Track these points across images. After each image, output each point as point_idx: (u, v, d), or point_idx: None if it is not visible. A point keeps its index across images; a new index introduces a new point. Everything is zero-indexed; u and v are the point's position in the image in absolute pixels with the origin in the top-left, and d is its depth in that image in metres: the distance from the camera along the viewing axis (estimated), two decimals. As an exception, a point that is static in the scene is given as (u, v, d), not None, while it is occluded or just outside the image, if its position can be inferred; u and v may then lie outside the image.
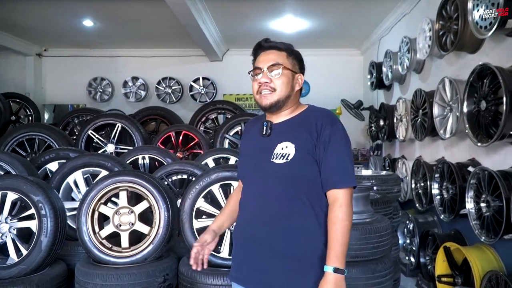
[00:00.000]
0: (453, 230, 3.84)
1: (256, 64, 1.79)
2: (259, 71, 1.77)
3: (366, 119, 7.11)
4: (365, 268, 2.62)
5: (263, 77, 1.74)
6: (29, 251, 2.74)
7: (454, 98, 3.63)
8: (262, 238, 1.69)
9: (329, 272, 1.56)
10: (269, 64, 1.75)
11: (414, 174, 4.53)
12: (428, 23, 4.25)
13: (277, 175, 1.68)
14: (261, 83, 1.74)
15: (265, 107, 1.75)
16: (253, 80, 1.79)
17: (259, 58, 1.80)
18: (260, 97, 1.76)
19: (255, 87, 1.77)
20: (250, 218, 1.74)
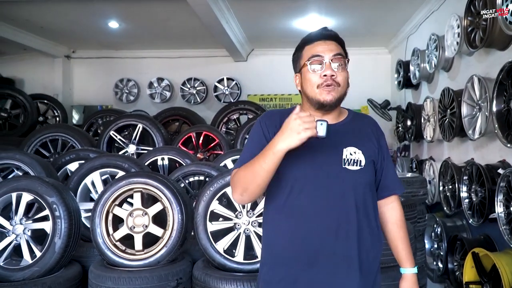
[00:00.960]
0: (483, 235, 3.66)
1: (315, 52, 1.54)
2: (319, 61, 1.53)
3: (393, 120, 6.92)
4: (385, 275, 2.49)
5: (328, 69, 1.52)
6: (42, 253, 2.73)
7: (483, 97, 3.46)
8: (338, 253, 1.53)
9: (413, 273, 1.69)
10: (333, 54, 1.54)
11: (442, 176, 4.35)
12: (456, 20, 4.07)
13: (352, 182, 1.56)
14: (326, 75, 1.51)
15: (329, 104, 1.54)
16: (312, 71, 1.54)
17: (317, 47, 1.55)
18: (322, 91, 1.53)
19: (316, 80, 1.53)
20: (321, 230, 1.52)
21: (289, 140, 1.36)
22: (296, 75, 1.65)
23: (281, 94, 7.94)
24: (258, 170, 1.43)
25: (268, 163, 1.41)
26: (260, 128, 1.60)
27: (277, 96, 7.96)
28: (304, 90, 1.60)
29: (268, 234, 1.62)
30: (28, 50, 7.70)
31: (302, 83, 1.61)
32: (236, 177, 1.52)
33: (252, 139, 1.62)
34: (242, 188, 1.49)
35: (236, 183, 1.51)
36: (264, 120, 1.62)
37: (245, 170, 1.49)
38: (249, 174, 1.46)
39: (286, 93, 7.97)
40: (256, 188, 1.47)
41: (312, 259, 1.52)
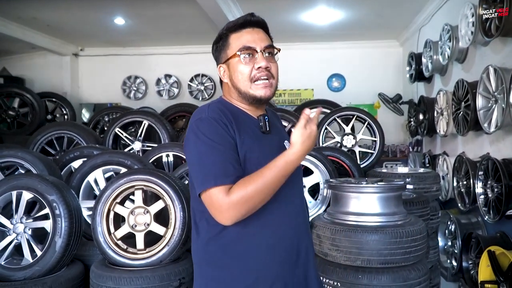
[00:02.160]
0: (499, 232, 3.52)
1: (246, 42, 1.45)
2: (250, 52, 1.44)
3: (405, 114, 6.76)
4: (396, 275, 2.37)
5: (262, 61, 1.43)
6: (43, 252, 2.66)
7: (500, 88, 3.31)
8: (308, 247, 1.55)
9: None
10: (265, 44, 1.46)
11: (456, 171, 4.21)
12: (470, 8, 3.91)
13: (299, 176, 1.58)
14: (260, 67, 1.43)
15: (265, 100, 1.47)
16: (243, 63, 1.44)
17: (246, 36, 1.46)
18: (257, 87, 1.44)
19: (248, 73, 1.43)
20: (292, 226, 1.48)
21: (310, 144, 1.35)
22: (220, 66, 1.51)
23: (290, 89, 7.81)
24: (276, 186, 1.33)
25: (287, 177, 1.35)
26: (220, 128, 1.37)
27: (286, 92, 7.84)
28: (234, 83, 1.47)
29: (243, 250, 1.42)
30: (37, 49, 7.70)
31: (231, 75, 1.47)
32: (242, 197, 1.28)
33: (216, 142, 1.35)
34: (250, 209, 1.32)
35: (241, 204, 1.29)
36: (219, 118, 1.39)
37: (257, 188, 1.29)
38: (266, 192, 1.31)
39: (295, 88, 7.84)
40: (263, 203, 1.35)
41: (295, 260, 1.49)
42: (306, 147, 1.33)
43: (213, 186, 1.29)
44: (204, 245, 1.45)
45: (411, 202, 3.03)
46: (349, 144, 4.56)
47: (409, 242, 2.38)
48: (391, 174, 3.59)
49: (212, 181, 1.30)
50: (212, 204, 1.32)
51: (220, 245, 1.41)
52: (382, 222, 2.45)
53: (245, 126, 1.45)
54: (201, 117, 1.40)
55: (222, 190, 1.29)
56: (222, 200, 1.29)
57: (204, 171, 1.33)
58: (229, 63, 1.47)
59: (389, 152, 6.93)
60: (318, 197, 3.39)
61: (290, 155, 1.32)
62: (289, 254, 1.46)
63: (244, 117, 1.48)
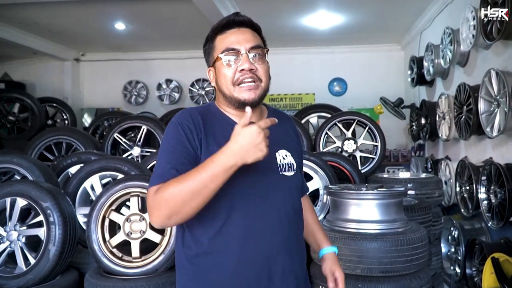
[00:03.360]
0: (503, 239, 3.45)
1: (230, 43, 1.37)
2: (234, 54, 1.36)
3: (407, 118, 6.71)
4: (397, 284, 2.32)
5: (245, 63, 1.34)
6: (37, 260, 2.61)
7: (502, 92, 3.26)
8: (289, 268, 1.41)
9: (334, 251, 1.64)
10: (250, 45, 1.36)
11: (458, 176, 4.15)
12: (471, 11, 3.87)
13: (289, 190, 1.45)
14: (244, 70, 1.34)
15: (251, 103, 1.35)
16: (227, 65, 1.37)
17: (230, 37, 1.38)
18: (240, 89, 1.35)
19: (232, 76, 1.36)
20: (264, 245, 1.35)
21: (248, 156, 1.18)
22: (209, 69, 1.45)
23: (291, 94, 7.78)
24: (201, 189, 1.18)
25: (216, 181, 1.18)
26: (182, 132, 1.32)
27: (287, 96, 7.80)
28: (219, 87, 1.40)
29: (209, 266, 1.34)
30: (38, 54, 7.72)
31: (217, 78, 1.41)
32: (162, 196, 1.21)
33: (172, 146, 1.31)
34: (172, 210, 1.21)
35: (162, 204, 1.21)
36: (185, 122, 1.34)
37: (177, 187, 1.20)
38: (185, 193, 1.19)
39: (296, 93, 7.80)
40: (192, 211, 1.22)
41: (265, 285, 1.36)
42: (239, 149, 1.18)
43: (150, 186, 1.27)
44: (177, 252, 1.43)
45: (413, 208, 2.97)
46: (350, 149, 4.50)
47: (410, 250, 2.33)
48: (392, 180, 3.53)
49: (151, 181, 1.27)
50: (146, 203, 1.29)
51: (189, 256, 1.37)
52: (382, 230, 2.40)
53: (219, 135, 1.35)
54: (172, 120, 1.38)
55: (153, 190, 1.25)
56: (149, 199, 1.25)
57: (153, 172, 1.32)
58: (215, 66, 1.41)
59: (391, 157, 6.87)
60: (318, 204, 3.33)
61: (222, 159, 1.19)
62: (256, 278, 1.34)
63: (223, 124, 1.40)
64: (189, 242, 1.37)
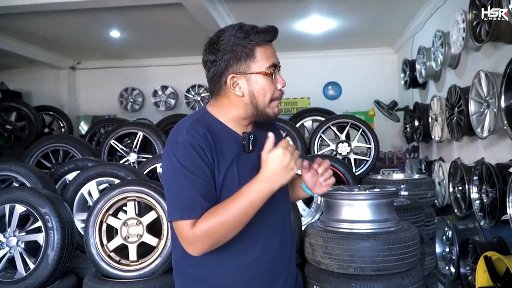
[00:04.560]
0: (496, 238, 3.50)
1: (274, 60, 1.36)
2: (277, 70, 1.37)
3: (401, 120, 6.77)
4: (389, 282, 2.36)
5: (282, 81, 1.38)
6: (36, 265, 2.65)
7: (491, 93, 3.31)
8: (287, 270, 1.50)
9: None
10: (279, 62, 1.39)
11: (451, 177, 4.20)
12: (461, 14, 3.93)
13: (285, 193, 1.52)
14: (283, 85, 1.38)
15: (272, 119, 1.42)
16: (274, 82, 1.36)
17: (271, 52, 1.36)
18: (273, 106, 1.38)
19: (273, 92, 1.36)
20: (274, 251, 1.43)
21: (282, 178, 1.25)
22: (234, 76, 1.35)
23: (286, 98, 7.83)
24: (242, 217, 1.24)
25: (255, 208, 1.24)
26: (195, 153, 1.28)
27: (282, 101, 7.77)
28: (254, 99, 1.36)
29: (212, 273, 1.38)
30: (34, 63, 7.78)
31: (252, 89, 1.35)
32: (205, 231, 1.23)
33: (190, 171, 1.27)
34: (216, 241, 1.26)
35: (205, 238, 1.24)
36: (195, 142, 1.29)
37: (220, 220, 1.23)
38: (228, 224, 1.23)
39: (291, 97, 7.87)
40: (232, 237, 1.27)
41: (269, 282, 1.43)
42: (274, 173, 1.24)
43: (180, 218, 1.26)
44: (178, 258, 1.44)
45: (405, 209, 3.02)
46: (344, 152, 4.56)
47: (402, 248, 2.37)
48: (386, 181, 3.59)
49: (179, 214, 1.26)
50: (179, 235, 1.29)
51: (191, 263, 1.39)
52: (374, 229, 2.44)
53: (226, 148, 1.37)
54: (178, 140, 1.31)
55: (188, 224, 1.25)
56: (187, 233, 1.25)
57: (174, 201, 1.28)
58: (251, 77, 1.34)
59: (386, 159, 6.93)
60: (312, 206, 3.38)
61: (258, 187, 1.24)
62: (261, 279, 1.40)
63: (227, 136, 1.40)
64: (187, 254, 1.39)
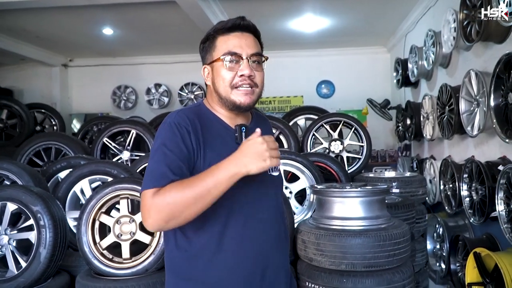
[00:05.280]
0: (485, 234, 3.55)
1: (232, 46, 1.40)
2: (236, 58, 1.39)
3: (394, 119, 6.81)
4: (380, 278, 2.39)
5: (246, 68, 1.38)
6: (28, 264, 2.64)
7: (481, 91, 3.36)
8: (279, 265, 1.50)
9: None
10: (252, 52, 1.41)
11: (442, 175, 4.24)
12: (452, 14, 3.97)
13: (275, 188, 1.54)
14: (243, 75, 1.38)
15: (245, 107, 1.42)
16: (226, 68, 1.39)
17: (233, 40, 1.41)
18: (238, 93, 1.39)
19: (230, 79, 1.39)
20: (257, 244, 1.42)
21: (252, 166, 1.23)
22: (205, 67, 1.46)
23: (279, 96, 7.85)
24: (204, 195, 1.21)
25: (219, 188, 1.22)
26: (178, 133, 1.32)
27: (276, 99, 7.88)
28: (215, 87, 1.43)
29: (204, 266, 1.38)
30: (26, 60, 7.73)
31: (214, 78, 1.43)
32: (163, 200, 1.21)
33: (167, 148, 1.30)
34: (172, 214, 1.22)
35: (162, 207, 1.21)
36: (183, 124, 1.34)
37: (180, 192, 1.21)
38: (188, 198, 1.21)
39: (285, 96, 7.88)
40: (190, 216, 1.24)
41: (258, 280, 1.42)
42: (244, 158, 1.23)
43: (145, 188, 1.26)
44: (170, 254, 1.44)
45: (396, 206, 3.05)
46: (337, 150, 4.58)
47: (393, 245, 2.40)
48: (377, 179, 3.62)
49: (146, 184, 1.26)
50: (141, 206, 1.26)
51: (184, 257, 1.39)
52: (365, 226, 2.47)
53: (215, 138, 1.40)
54: (167, 120, 1.37)
55: (150, 192, 1.23)
56: (146, 201, 1.23)
57: (146, 174, 1.30)
58: (213, 65, 1.43)
59: (378, 157, 6.97)
60: (305, 203, 3.40)
61: (228, 167, 1.23)
62: (251, 274, 1.40)
63: (219, 127, 1.44)
64: (183, 244, 1.40)
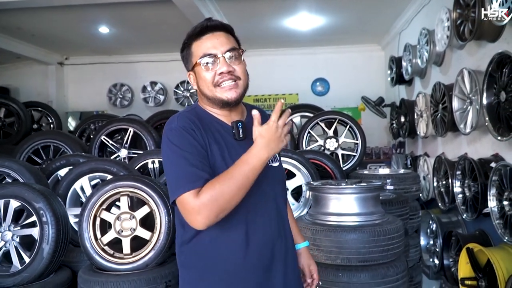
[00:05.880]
0: (478, 230, 3.63)
1: (206, 49, 1.45)
2: (211, 58, 1.45)
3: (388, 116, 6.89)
4: (374, 272, 2.46)
5: (223, 66, 1.44)
6: (31, 259, 2.70)
7: (474, 90, 3.43)
8: (287, 251, 1.56)
9: (307, 246, 1.81)
10: (225, 48, 1.46)
11: (435, 172, 4.32)
12: (446, 13, 4.04)
13: (276, 178, 1.60)
14: (223, 73, 1.44)
15: (234, 101, 1.47)
16: (205, 70, 1.45)
17: (206, 43, 1.47)
18: (222, 90, 1.45)
19: (211, 79, 1.45)
20: (265, 232, 1.49)
21: (276, 146, 1.35)
22: (189, 73, 1.53)
23: (275, 94, 7.92)
24: (244, 182, 1.32)
25: (255, 173, 1.34)
26: (189, 136, 1.40)
27: (271, 97, 7.95)
28: (201, 90, 1.50)
29: (214, 256, 1.45)
30: (22, 58, 7.75)
31: (198, 81, 1.51)
32: (211, 197, 1.30)
33: (186, 150, 1.38)
34: (221, 207, 1.31)
35: (211, 204, 1.30)
36: (187, 126, 1.42)
37: (225, 185, 1.31)
38: (233, 189, 1.31)
39: (280, 93, 7.95)
40: (235, 205, 1.35)
41: (267, 266, 1.49)
42: (268, 144, 1.34)
43: (183, 192, 1.32)
44: (180, 248, 1.51)
45: (390, 202, 3.12)
46: (332, 147, 4.66)
47: (387, 240, 2.47)
48: (372, 176, 3.69)
49: (181, 188, 1.33)
50: (185, 209, 1.34)
51: (193, 250, 1.46)
52: (360, 222, 2.54)
53: (215, 135, 1.47)
54: (171, 127, 1.43)
55: (191, 194, 1.31)
56: (193, 203, 1.31)
57: (175, 179, 1.36)
58: (195, 71, 1.49)
59: (373, 154, 7.05)
60: (301, 200, 3.47)
61: (256, 153, 1.34)
62: (261, 262, 1.47)
63: (216, 125, 1.50)
64: (191, 238, 1.46)
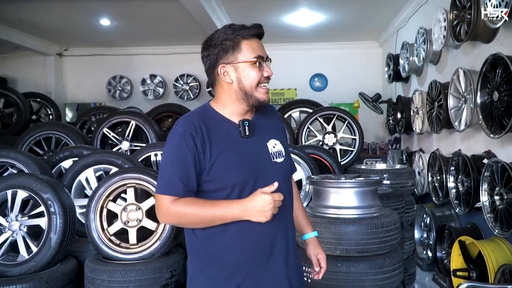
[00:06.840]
0: (470, 224, 3.76)
1: (258, 51, 1.56)
2: (262, 61, 1.57)
3: (384, 112, 6.99)
4: (372, 263, 2.57)
5: (270, 70, 1.59)
6: (39, 248, 2.79)
7: (469, 89, 3.54)
8: (288, 242, 1.64)
9: (316, 236, 1.88)
10: (267, 55, 1.60)
11: (430, 167, 4.44)
12: (443, 13, 4.14)
13: (282, 174, 1.66)
14: (268, 77, 1.58)
15: (265, 103, 1.60)
16: (258, 69, 1.55)
17: (258, 45, 1.58)
18: (260, 90, 1.56)
19: (258, 79, 1.55)
20: (272, 227, 1.56)
21: (254, 216, 1.46)
22: (223, 65, 1.56)
23: (273, 89, 7.99)
24: (208, 222, 1.49)
25: (222, 221, 1.49)
26: (184, 143, 1.50)
27: (270, 91, 7.91)
28: (242, 85, 1.56)
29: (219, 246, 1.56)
30: (21, 49, 7.73)
31: (240, 77, 1.56)
32: (178, 212, 1.49)
33: (176, 156, 1.51)
34: (181, 223, 1.57)
35: (175, 217, 1.51)
36: (188, 130, 1.51)
37: (192, 213, 1.48)
38: (196, 219, 1.49)
39: (279, 88, 8.03)
40: (196, 227, 1.55)
41: (267, 256, 1.58)
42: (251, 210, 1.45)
43: (161, 193, 1.50)
44: (189, 236, 1.62)
45: (387, 196, 3.23)
46: (330, 142, 4.76)
47: (384, 232, 2.58)
48: (369, 171, 3.79)
49: (163, 189, 1.50)
50: (157, 205, 1.53)
51: (201, 238, 1.57)
52: (359, 215, 2.65)
53: (220, 135, 1.54)
54: (176, 128, 1.54)
55: (168, 198, 1.49)
56: (164, 205, 1.50)
57: (161, 177, 1.53)
58: (239, 66, 1.55)
59: (369, 150, 7.16)
60: (301, 193, 3.57)
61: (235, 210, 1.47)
62: (261, 252, 1.56)
63: (225, 124, 1.58)
64: (199, 229, 1.56)
